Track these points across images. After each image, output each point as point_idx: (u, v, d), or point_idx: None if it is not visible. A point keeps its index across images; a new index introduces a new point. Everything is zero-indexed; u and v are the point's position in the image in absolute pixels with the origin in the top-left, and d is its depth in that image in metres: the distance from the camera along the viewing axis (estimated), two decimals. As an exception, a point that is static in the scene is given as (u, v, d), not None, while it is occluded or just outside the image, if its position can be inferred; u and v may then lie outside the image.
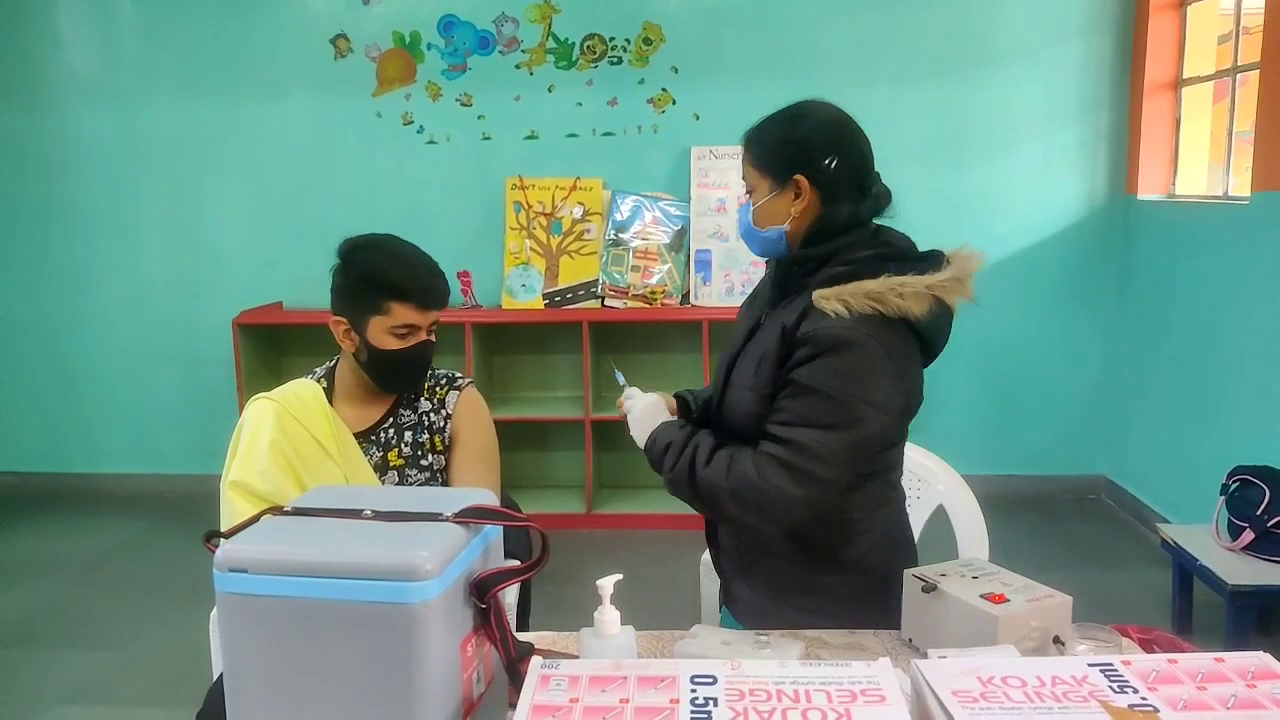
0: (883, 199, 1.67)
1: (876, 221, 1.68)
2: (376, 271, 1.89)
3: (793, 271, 1.65)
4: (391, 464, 1.98)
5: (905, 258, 1.60)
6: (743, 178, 1.71)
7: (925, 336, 1.59)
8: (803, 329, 1.55)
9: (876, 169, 1.70)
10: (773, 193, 1.64)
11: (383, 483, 1.96)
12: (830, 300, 1.52)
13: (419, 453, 1.99)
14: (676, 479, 1.63)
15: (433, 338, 1.97)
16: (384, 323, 1.89)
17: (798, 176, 1.61)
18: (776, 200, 1.64)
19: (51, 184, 4.91)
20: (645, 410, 1.74)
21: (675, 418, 1.75)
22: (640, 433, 1.72)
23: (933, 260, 1.60)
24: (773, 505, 1.53)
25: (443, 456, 2.01)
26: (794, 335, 1.55)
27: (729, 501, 1.56)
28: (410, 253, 1.95)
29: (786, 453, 1.51)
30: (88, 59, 4.84)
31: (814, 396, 1.51)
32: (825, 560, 1.67)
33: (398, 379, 1.98)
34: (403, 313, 1.89)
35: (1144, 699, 0.97)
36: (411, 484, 1.98)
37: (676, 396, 1.88)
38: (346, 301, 1.93)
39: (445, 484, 2.01)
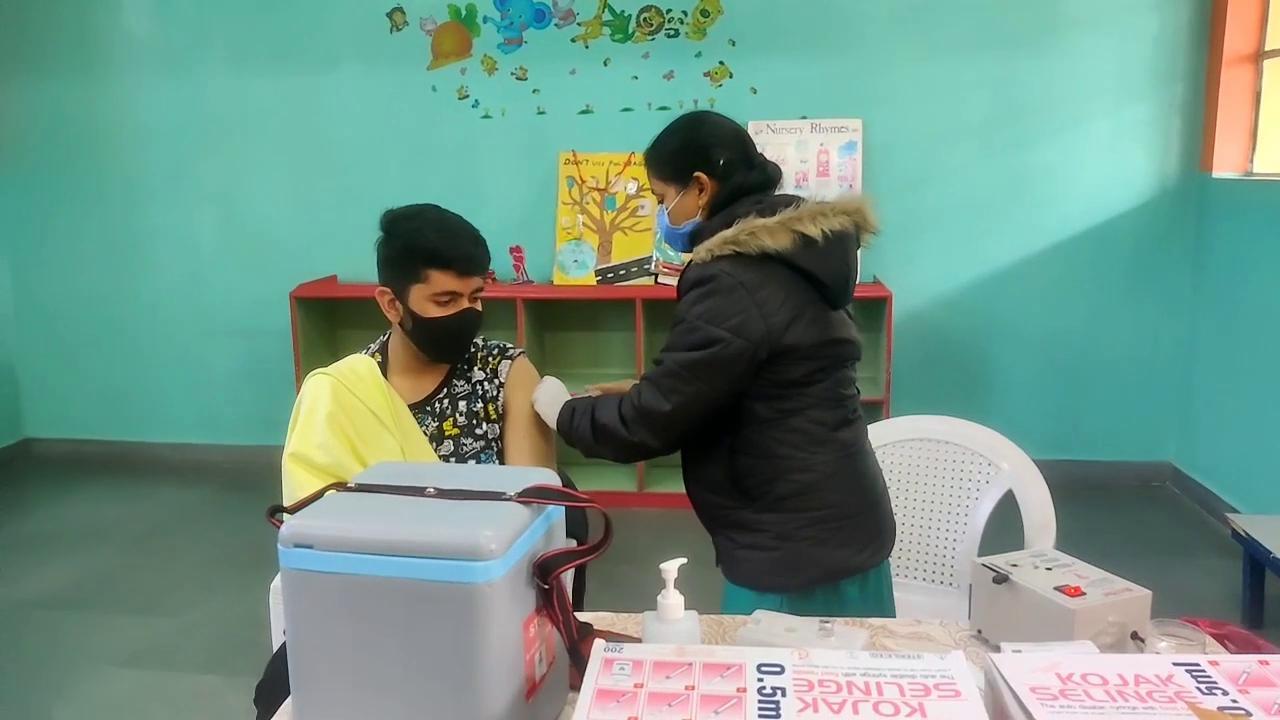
0: (769, 169, 1.89)
1: (790, 194, 1.86)
2: (416, 239, 1.90)
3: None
4: (447, 434, 1.99)
5: (781, 208, 1.77)
6: (652, 192, 1.95)
7: (804, 270, 1.74)
8: (681, 280, 1.82)
9: (951, 143, 1.86)
10: (680, 195, 1.88)
11: (438, 452, 1.97)
12: (700, 252, 1.78)
13: (474, 422, 2.00)
14: (580, 431, 1.88)
15: (477, 306, 1.97)
16: (425, 290, 1.90)
17: (697, 174, 1.85)
18: (685, 199, 1.88)
19: (113, 158, 4.98)
20: (548, 393, 1.99)
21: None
22: (549, 413, 1.97)
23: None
24: (653, 420, 1.78)
25: (497, 425, 2.02)
26: (677, 289, 1.84)
27: (621, 428, 1.80)
28: (450, 221, 1.94)
29: (654, 372, 1.79)
30: (145, 30, 4.88)
31: (679, 326, 1.77)
32: (755, 498, 1.81)
33: (443, 347, 1.99)
34: (442, 280, 1.89)
35: (1235, 702, 0.93)
36: (467, 453, 1.99)
37: None
38: (389, 271, 1.94)
39: (500, 453, 2.02)
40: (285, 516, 1.15)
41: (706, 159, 1.85)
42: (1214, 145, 4.23)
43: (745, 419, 1.80)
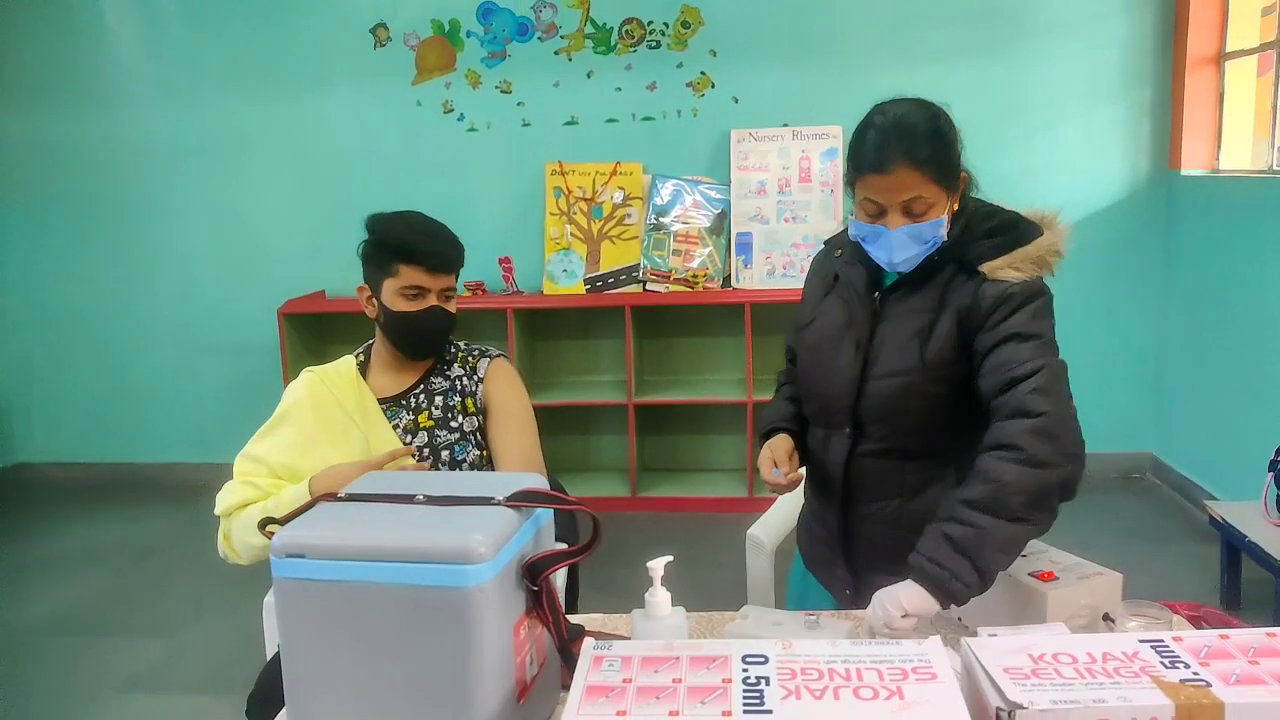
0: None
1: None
2: (388, 235, 1.99)
3: (933, 259, 1.64)
4: (422, 425, 2.04)
5: (1014, 224, 1.65)
6: (911, 200, 1.60)
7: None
8: (990, 295, 1.57)
9: None
10: (949, 200, 1.64)
11: (412, 443, 2.02)
12: (1004, 270, 1.58)
13: (449, 415, 2.05)
14: (1008, 530, 1.41)
15: (449, 307, 2.03)
16: (394, 284, 1.98)
17: (963, 174, 1.66)
18: (950, 206, 1.65)
19: (99, 178, 4.99)
20: (904, 596, 1.40)
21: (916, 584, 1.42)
22: (924, 603, 1.39)
23: (1025, 223, 1.65)
24: (1070, 432, 1.48)
25: (475, 419, 2.07)
26: (977, 307, 1.58)
27: (1062, 467, 1.44)
28: (425, 221, 2.03)
29: (1053, 386, 1.49)
30: (133, 54, 4.90)
31: (1037, 341, 1.53)
32: None
33: (413, 343, 2.04)
34: (411, 274, 1.96)
35: (1196, 674, 0.97)
36: (440, 444, 2.03)
37: (782, 433, 1.84)
38: (366, 268, 2.03)
39: (477, 446, 2.06)
40: (275, 527, 1.18)
41: (960, 160, 1.66)
42: (1181, 144, 4.31)
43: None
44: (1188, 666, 0.98)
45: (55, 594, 3.87)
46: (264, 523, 1.23)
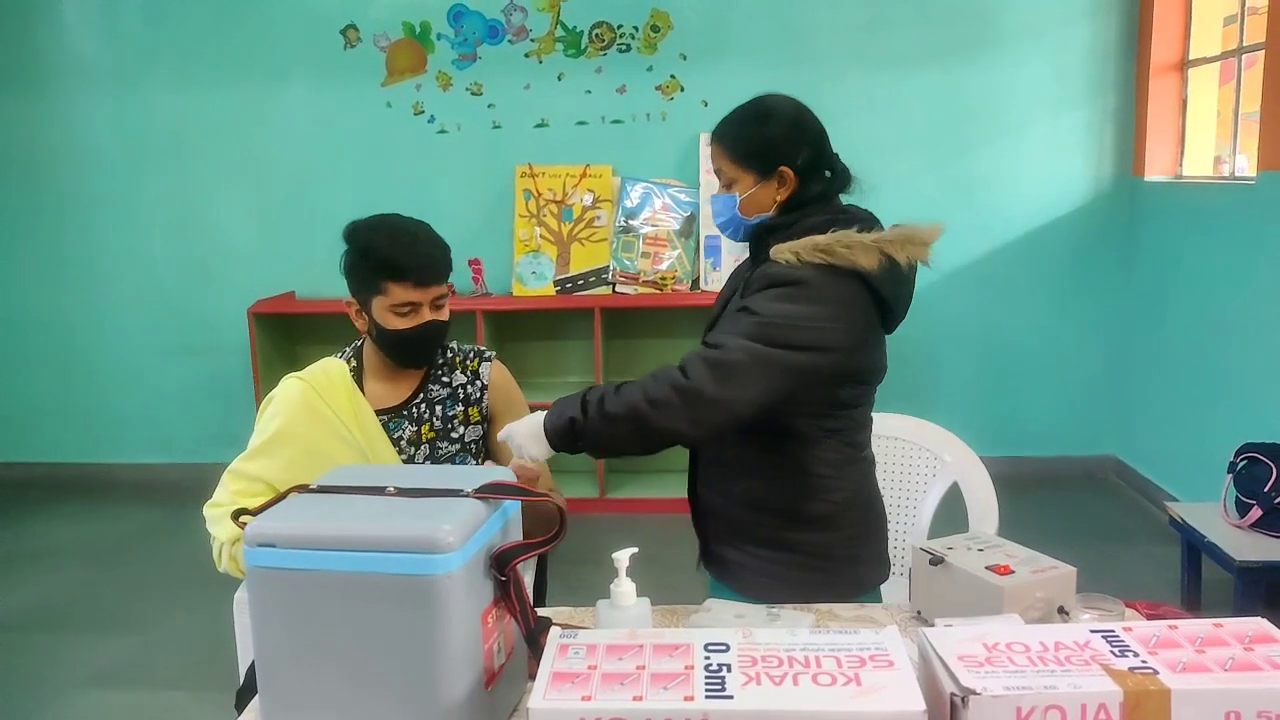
0: (845, 177, 1.78)
1: (846, 201, 1.79)
2: (371, 251, 1.87)
3: (762, 241, 1.75)
4: (424, 438, 1.99)
5: (859, 223, 1.69)
6: (716, 171, 1.79)
7: (881, 294, 1.67)
8: (758, 273, 1.69)
9: (898, 151, 1.86)
10: (758, 185, 1.73)
11: (414, 456, 1.97)
12: (784, 252, 1.65)
13: (449, 426, 2.01)
14: (593, 427, 1.61)
15: (441, 315, 1.94)
16: (384, 302, 1.88)
17: (782, 168, 1.71)
18: (761, 191, 1.73)
19: (62, 176, 4.95)
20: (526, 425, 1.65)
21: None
22: (536, 441, 1.63)
23: (853, 222, 1.71)
24: (695, 403, 1.58)
25: (478, 428, 2.02)
26: (747, 283, 1.70)
27: (649, 409, 1.58)
28: (407, 228, 1.91)
29: (710, 354, 1.60)
30: (96, 49, 4.86)
31: (753, 318, 1.61)
32: (791, 516, 1.75)
33: (409, 357, 1.97)
34: (400, 292, 1.86)
35: (1144, 662, 1.00)
36: (441, 456, 1.99)
37: None
38: (351, 282, 1.94)
39: (474, 456, 2.02)
40: (248, 517, 1.19)
41: (796, 155, 1.71)
42: (1145, 150, 4.39)
43: (786, 434, 1.72)
44: (1136, 655, 1.01)
45: (26, 590, 3.85)
46: (237, 514, 1.23)
